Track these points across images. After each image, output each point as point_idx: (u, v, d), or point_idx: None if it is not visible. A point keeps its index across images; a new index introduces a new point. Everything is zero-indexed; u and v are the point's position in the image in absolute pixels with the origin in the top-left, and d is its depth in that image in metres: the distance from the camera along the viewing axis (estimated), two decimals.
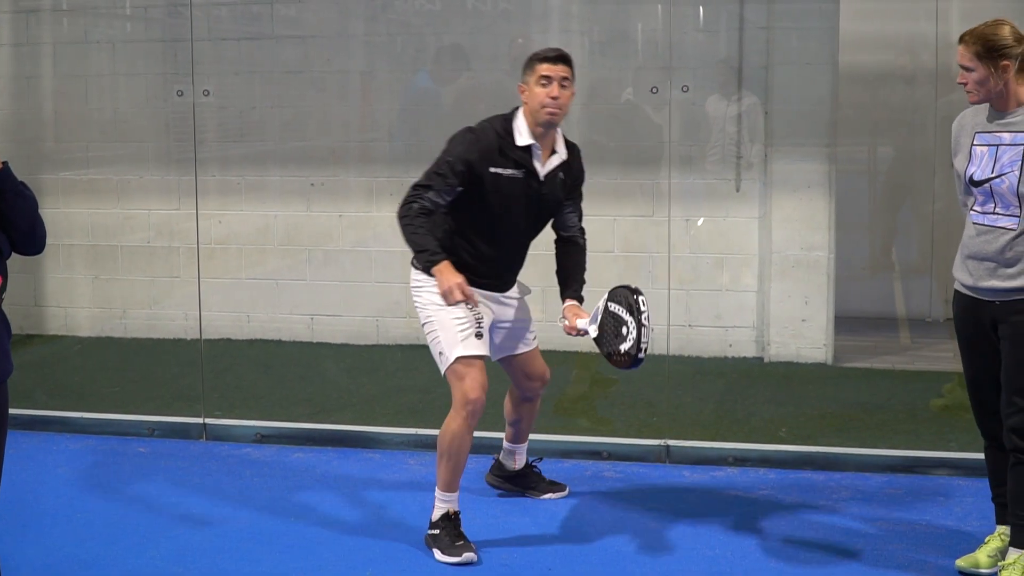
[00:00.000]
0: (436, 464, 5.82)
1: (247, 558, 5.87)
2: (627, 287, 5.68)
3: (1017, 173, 5.15)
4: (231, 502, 6.65)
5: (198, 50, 8.92)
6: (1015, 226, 5.19)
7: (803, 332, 9.11)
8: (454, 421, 5.75)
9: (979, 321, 5.39)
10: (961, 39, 5.26)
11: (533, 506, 6.48)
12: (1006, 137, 5.23)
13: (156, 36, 10.11)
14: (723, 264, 9.26)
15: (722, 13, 9.33)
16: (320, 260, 9.68)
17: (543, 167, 5.86)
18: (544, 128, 5.82)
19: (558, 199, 5.99)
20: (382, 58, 9.79)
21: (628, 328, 5.56)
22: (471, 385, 5.72)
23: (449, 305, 5.59)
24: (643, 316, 5.53)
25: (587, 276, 6.06)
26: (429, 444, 6.69)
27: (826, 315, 9.10)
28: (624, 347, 5.58)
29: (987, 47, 5.17)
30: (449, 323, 5.78)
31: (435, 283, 5.65)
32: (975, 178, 5.29)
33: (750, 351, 9.30)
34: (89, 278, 10.13)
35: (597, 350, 5.64)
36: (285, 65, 9.91)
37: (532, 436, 6.60)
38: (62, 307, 9.76)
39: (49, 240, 4.73)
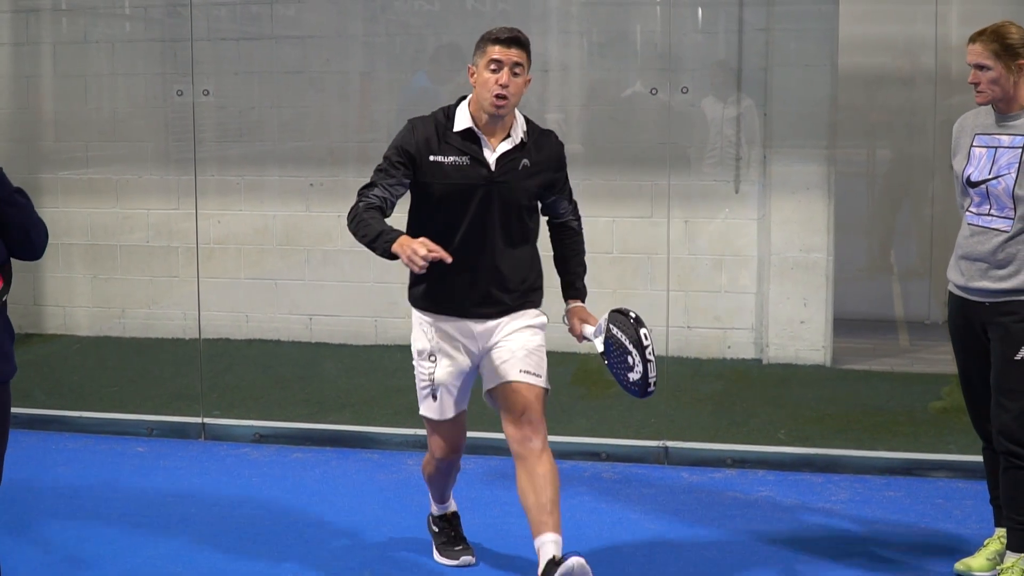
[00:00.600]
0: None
1: (245, 558, 5.87)
2: (628, 316, 5.15)
3: (1014, 175, 5.16)
4: (230, 502, 6.66)
5: (197, 50, 8.93)
6: (1009, 228, 5.19)
7: (802, 334, 9.11)
8: (429, 464, 5.62)
9: (970, 322, 5.39)
10: (975, 38, 5.25)
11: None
12: (1005, 139, 5.24)
13: (155, 36, 10.11)
14: (722, 265, 9.26)
15: (721, 15, 9.34)
16: (319, 260, 9.68)
17: (493, 152, 5.18)
18: (491, 117, 5.15)
19: (526, 189, 5.24)
20: (381, 59, 9.79)
21: (634, 360, 5.09)
22: (436, 444, 5.48)
23: (419, 270, 4.83)
24: (647, 350, 5.05)
25: (588, 277, 5.90)
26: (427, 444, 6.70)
27: (825, 317, 9.10)
28: (633, 377, 5.13)
29: (1005, 45, 5.18)
30: (417, 376, 5.39)
31: (420, 324, 5.34)
32: (972, 179, 5.30)
33: (749, 353, 9.30)
34: (88, 277, 10.13)
35: (594, 349, 5.57)
36: (284, 65, 9.91)
37: None
38: (61, 306, 9.77)
39: (48, 239, 4.73)
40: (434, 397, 5.34)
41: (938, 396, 8.07)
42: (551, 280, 5.50)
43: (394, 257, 4.91)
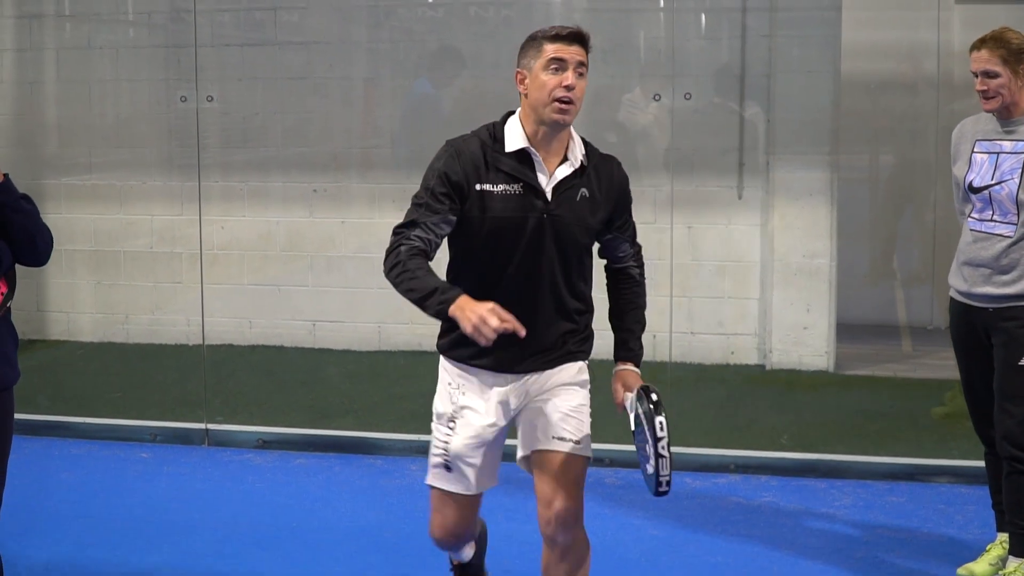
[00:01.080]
0: None
1: (249, 564, 5.88)
2: (650, 397, 4.34)
3: (1017, 181, 5.16)
4: (233, 508, 6.67)
5: (201, 56, 8.93)
6: (1012, 233, 5.20)
7: (805, 340, 9.11)
8: (432, 535, 4.80)
9: (973, 328, 5.40)
10: (981, 45, 5.24)
11: (535, 513, 6.48)
12: (1007, 145, 5.24)
13: (159, 42, 10.12)
14: (725, 271, 9.26)
15: (724, 21, 9.34)
16: (322, 266, 9.68)
17: (549, 179, 4.38)
18: (550, 129, 4.38)
19: (585, 224, 4.45)
20: (385, 64, 9.80)
21: (648, 451, 4.31)
22: (435, 521, 4.72)
23: (486, 343, 4.03)
24: (660, 444, 4.24)
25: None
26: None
27: (828, 323, 9.10)
28: (648, 469, 4.35)
29: (1012, 51, 5.17)
30: (432, 440, 4.63)
31: (446, 381, 4.59)
32: (974, 185, 5.30)
33: (752, 358, 9.30)
34: (92, 283, 10.13)
35: (597, 355, 5.42)
36: (288, 71, 9.91)
37: None
38: (64, 312, 9.78)
39: (53, 245, 4.75)
40: (448, 468, 4.56)
41: (941, 402, 8.07)
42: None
43: (450, 320, 4.14)
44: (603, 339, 4.68)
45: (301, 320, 9.74)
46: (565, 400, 4.56)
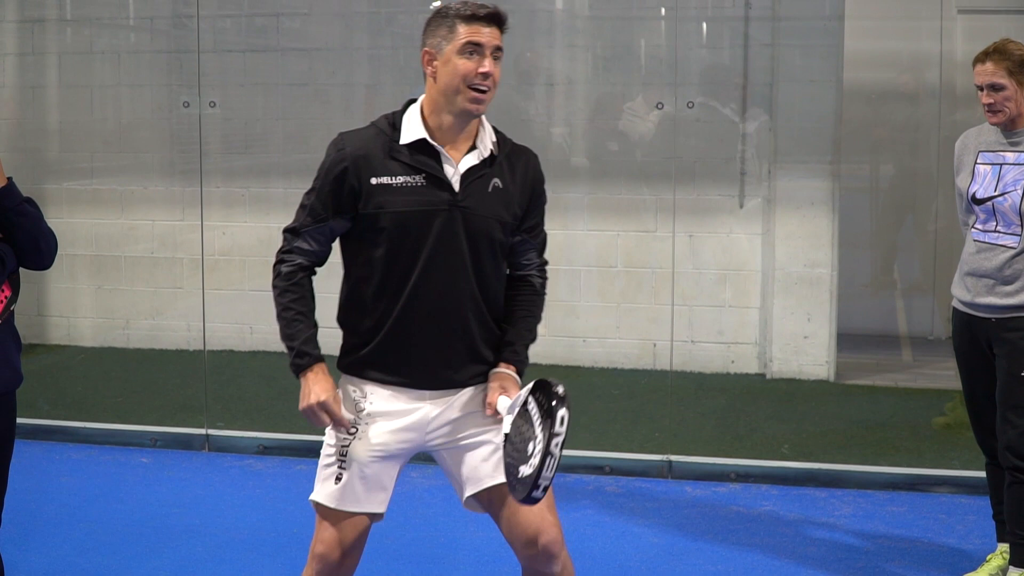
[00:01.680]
0: None
1: (249, 569, 5.88)
2: (554, 389, 3.79)
3: (1020, 192, 5.17)
4: (233, 513, 6.66)
5: (203, 62, 8.94)
6: (1016, 244, 5.20)
7: (805, 349, 9.12)
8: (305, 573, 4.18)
9: (975, 338, 5.40)
10: (985, 58, 5.23)
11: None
12: (1010, 156, 5.25)
13: (161, 47, 10.13)
14: (726, 280, 9.26)
15: (726, 30, 9.35)
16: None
17: (455, 169, 3.97)
18: (458, 118, 3.97)
19: (498, 216, 4.02)
20: (386, 71, 9.80)
21: (535, 446, 3.70)
22: (320, 537, 4.10)
23: (318, 424, 3.96)
24: (554, 442, 3.66)
25: (590, 291, 5.72)
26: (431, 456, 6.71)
27: (828, 332, 9.10)
28: (523, 471, 3.71)
29: (1016, 62, 5.17)
30: (322, 452, 4.13)
31: (350, 389, 4.13)
32: (977, 196, 5.30)
33: (752, 367, 9.30)
34: (92, 288, 10.13)
35: (597, 363, 5.20)
36: (290, 77, 9.92)
37: None
38: (65, 317, 9.79)
39: (57, 249, 4.76)
40: (338, 479, 4.03)
41: (941, 412, 8.07)
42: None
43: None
44: (603, 346, 4.70)
45: None
46: (493, 425, 4.07)
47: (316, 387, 3.96)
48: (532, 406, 3.80)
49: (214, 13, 9.62)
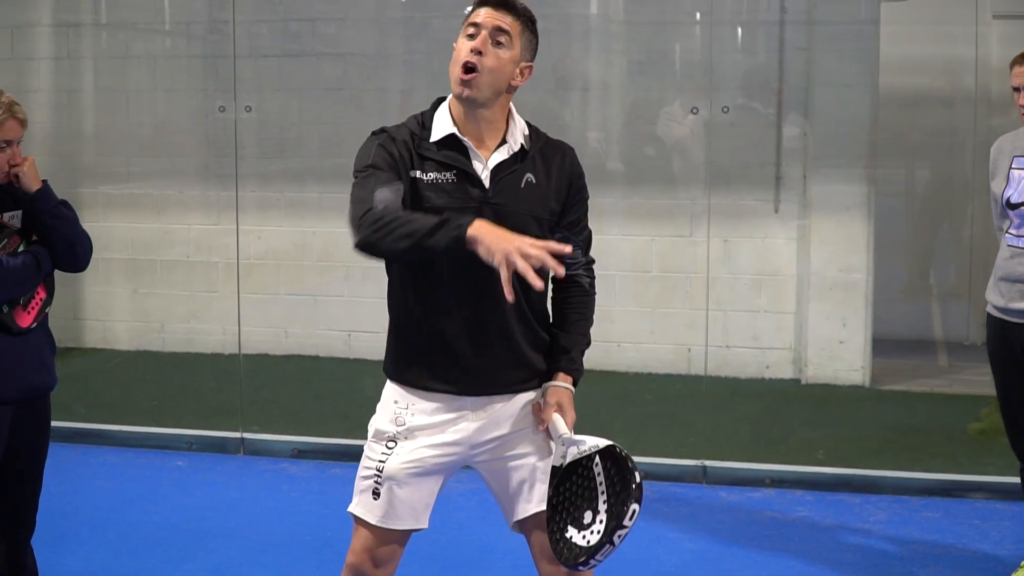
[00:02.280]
0: None
1: (284, 573, 5.90)
2: (631, 475, 3.73)
3: None
4: (268, 517, 6.68)
5: (239, 66, 8.96)
6: None
7: (841, 354, 9.09)
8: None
9: (1009, 343, 5.38)
10: (1022, 59, 5.22)
11: None
12: None
13: (197, 52, 10.16)
14: (761, 285, 9.25)
15: (761, 34, 9.34)
16: (358, 277, 9.68)
17: (484, 164, 3.83)
18: (466, 108, 3.83)
19: (533, 213, 3.86)
20: (421, 76, 9.81)
21: (594, 520, 3.69)
22: (354, 548, 4.08)
23: (520, 269, 3.39)
24: (618, 534, 3.63)
25: (625, 295, 5.64)
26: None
27: (864, 337, 9.07)
28: (574, 537, 3.70)
29: None
30: (361, 462, 4.07)
31: (391, 399, 4.00)
32: (1012, 201, 5.29)
33: (787, 372, 9.28)
34: (128, 292, 10.17)
35: (632, 368, 5.15)
36: (325, 82, 9.94)
37: None
38: (101, 321, 9.83)
39: (92, 251, 4.78)
40: (376, 494, 3.98)
41: (977, 418, 8.04)
42: None
43: (467, 251, 3.51)
44: (638, 351, 4.68)
45: (336, 330, 9.75)
46: (534, 450, 3.98)
47: (493, 232, 3.49)
48: (599, 473, 3.74)
49: (250, 18, 9.65)
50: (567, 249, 3.51)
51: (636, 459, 5.60)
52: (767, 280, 9.23)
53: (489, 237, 3.45)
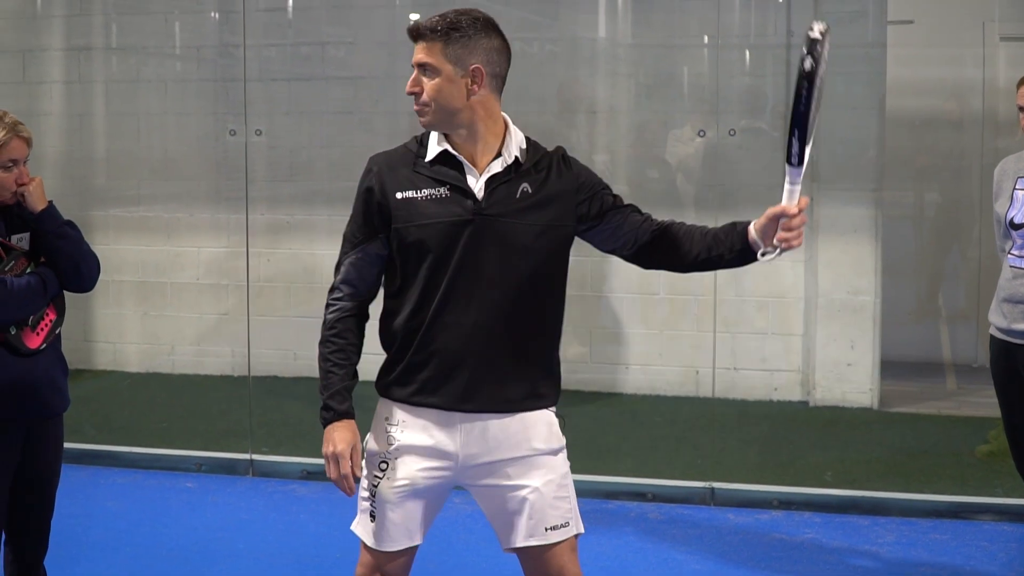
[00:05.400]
0: None
1: None
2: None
3: None
4: (278, 538, 6.70)
5: (249, 90, 9.00)
6: None
7: (849, 376, 9.10)
8: None
9: (1012, 365, 5.39)
10: None
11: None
12: None
13: (208, 76, 10.20)
14: (768, 307, 9.27)
15: (769, 57, 9.37)
16: None
17: (479, 178, 3.86)
18: (467, 133, 3.91)
19: (530, 224, 3.86)
20: None
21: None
22: (362, 561, 4.10)
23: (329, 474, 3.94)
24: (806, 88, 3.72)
25: (633, 318, 5.66)
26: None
27: (872, 359, 9.08)
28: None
29: None
30: (362, 482, 4.06)
31: (383, 418, 4.06)
32: (1015, 221, 5.31)
33: (795, 395, 9.29)
34: (138, 314, 10.21)
35: (640, 390, 5.12)
36: (334, 106, 9.98)
37: (574, 476, 4.11)
38: (111, 343, 9.86)
39: (100, 271, 4.81)
40: (372, 516, 4.00)
41: (985, 440, 8.04)
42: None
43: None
44: (646, 373, 4.69)
45: None
46: (546, 478, 3.94)
47: (335, 435, 3.95)
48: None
49: (260, 42, 9.70)
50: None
51: (644, 481, 5.58)
52: (775, 302, 9.25)
53: (330, 434, 3.96)
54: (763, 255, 3.85)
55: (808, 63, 3.65)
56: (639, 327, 9.38)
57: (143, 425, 8.81)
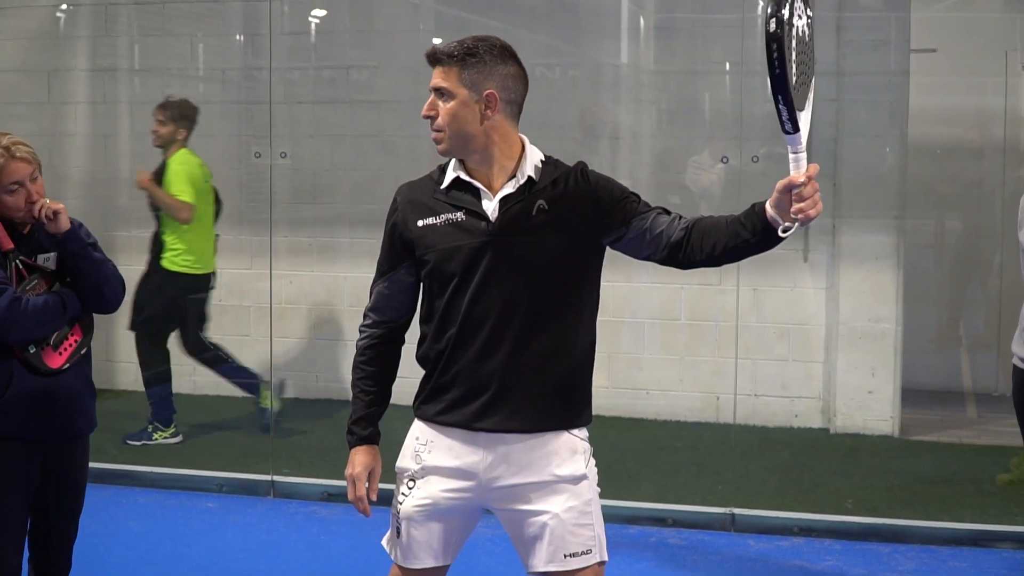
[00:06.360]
0: None
1: None
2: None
3: None
4: (298, 559, 6.71)
5: (274, 113, 9.04)
6: None
7: (870, 404, 9.09)
8: None
9: None
10: None
11: None
12: None
13: (232, 98, 10.25)
14: (789, 334, 9.27)
15: None
16: None
17: (493, 200, 3.88)
18: (480, 157, 3.93)
19: (548, 242, 3.85)
20: None
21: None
22: (393, 573, 4.18)
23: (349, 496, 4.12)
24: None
25: (654, 343, 5.69)
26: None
27: (893, 387, 9.08)
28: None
29: None
30: (393, 500, 4.15)
31: (414, 436, 4.11)
32: None
33: (816, 422, 9.29)
34: None
35: (661, 416, 5.13)
36: (358, 129, 10.02)
37: None
38: (133, 363, 9.85)
39: (124, 293, 4.84)
40: (398, 533, 4.08)
41: (1006, 468, 8.03)
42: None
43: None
44: (666, 399, 4.69)
45: None
46: (567, 504, 3.91)
47: (355, 458, 4.16)
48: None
49: (285, 65, 9.75)
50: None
51: (664, 507, 5.58)
52: (796, 329, 9.26)
53: (352, 457, 4.19)
54: (783, 231, 3.86)
55: (773, 24, 3.47)
56: (659, 353, 9.39)
57: (164, 445, 8.83)
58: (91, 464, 4.99)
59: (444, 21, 10.06)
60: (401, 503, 4.05)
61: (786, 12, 3.50)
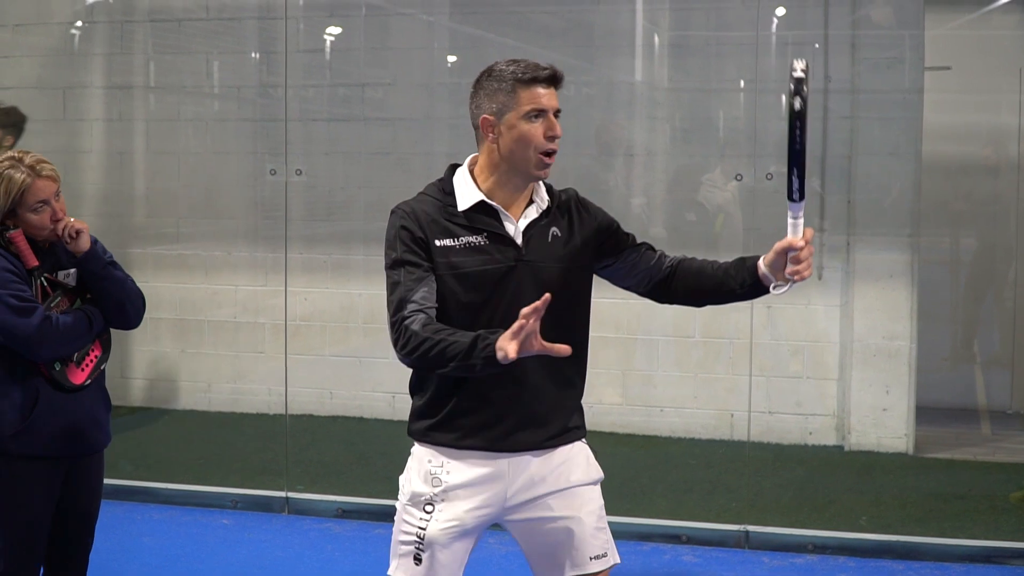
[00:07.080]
0: None
1: None
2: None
3: None
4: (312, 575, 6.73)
5: (289, 130, 9.07)
6: None
7: (884, 421, 9.08)
8: None
9: None
10: None
11: None
12: None
13: (248, 116, 10.28)
14: (804, 352, 9.26)
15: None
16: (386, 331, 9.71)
17: (516, 225, 3.91)
18: (522, 181, 3.93)
19: (564, 264, 3.94)
20: (467, 141, 9.86)
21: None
22: None
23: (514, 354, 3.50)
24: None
25: (667, 360, 5.66)
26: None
27: (907, 405, 9.06)
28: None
29: None
30: (398, 525, 4.05)
31: (424, 460, 4.01)
32: None
33: (830, 439, 9.27)
34: (176, 351, 10.26)
35: (675, 433, 5.17)
36: (373, 146, 10.03)
37: (609, 517, 4.20)
38: (148, 379, 9.90)
39: (145, 309, 4.87)
40: (417, 560, 3.95)
41: (1019, 485, 8.02)
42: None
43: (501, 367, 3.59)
44: (680, 416, 4.70)
45: (381, 391, 9.79)
46: (587, 508, 4.01)
47: (502, 343, 3.53)
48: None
49: (300, 83, 9.77)
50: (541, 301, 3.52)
51: (678, 524, 5.63)
52: (810, 346, 9.25)
53: (500, 344, 3.53)
54: (775, 288, 4.01)
55: (798, 103, 3.78)
56: (674, 370, 9.38)
57: (179, 462, 8.85)
58: (106, 480, 5.01)
59: (459, 39, 10.08)
60: (424, 528, 3.93)
61: (808, 88, 3.75)
